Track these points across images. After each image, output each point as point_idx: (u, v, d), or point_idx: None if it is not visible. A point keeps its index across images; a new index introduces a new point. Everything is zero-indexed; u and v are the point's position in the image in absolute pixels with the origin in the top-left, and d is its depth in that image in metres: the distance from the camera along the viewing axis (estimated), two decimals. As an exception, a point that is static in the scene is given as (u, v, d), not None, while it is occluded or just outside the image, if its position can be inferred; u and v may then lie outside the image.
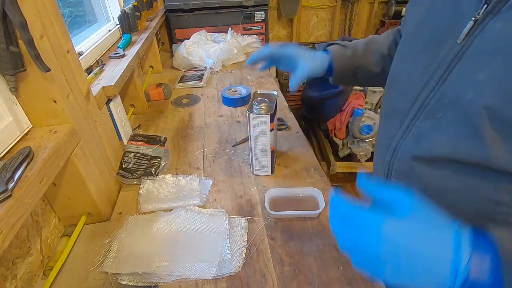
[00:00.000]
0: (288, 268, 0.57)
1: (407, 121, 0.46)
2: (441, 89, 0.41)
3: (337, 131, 1.85)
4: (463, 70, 0.38)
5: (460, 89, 0.38)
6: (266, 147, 0.74)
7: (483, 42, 0.36)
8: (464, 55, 0.38)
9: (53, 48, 0.55)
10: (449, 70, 0.40)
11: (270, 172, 0.79)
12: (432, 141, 0.42)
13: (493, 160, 0.35)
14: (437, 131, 0.41)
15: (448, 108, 0.39)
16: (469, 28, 0.37)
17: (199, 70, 1.46)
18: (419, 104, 0.43)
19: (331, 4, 2.42)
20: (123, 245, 0.62)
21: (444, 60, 0.40)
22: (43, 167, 0.49)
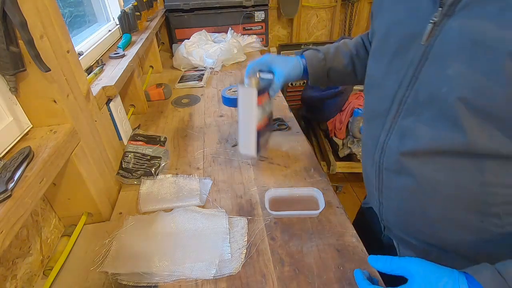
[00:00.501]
0: (288, 268, 0.57)
1: (389, 120, 0.49)
2: (414, 88, 0.44)
3: (337, 131, 1.85)
4: (431, 68, 0.41)
5: (432, 86, 0.41)
6: (252, 123, 0.72)
7: (444, 41, 0.39)
8: (430, 54, 0.41)
9: (53, 48, 0.55)
10: (418, 69, 0.43)
11: (255, 153, 0.76)
12: (416, 137, 0.44)
13: (474, 145, 0.39)
14: (418, 127, 0.44)
15: (424, 105, 0.42)
16: (429, 30, 0.40)
17: (199, 70, 1.46)
18: (397, 104, 0.47)
19: (331, 4, 2.42)
20: (123, 245, 0.62)
21: (413, 62, 0.43)
22: (43, 167, 0.48)
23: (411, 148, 0.45)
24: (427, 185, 0.46)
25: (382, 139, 0.51)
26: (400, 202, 0.52)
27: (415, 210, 0.50)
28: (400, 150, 0.47)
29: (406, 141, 0.46)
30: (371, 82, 0.56)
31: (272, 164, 0.84)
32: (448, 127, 0.40)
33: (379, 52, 0.53)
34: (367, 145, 0.57)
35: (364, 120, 0.61)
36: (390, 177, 0.52)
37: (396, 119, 0.47)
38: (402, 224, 0.56)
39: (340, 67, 0.73)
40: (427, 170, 0.45)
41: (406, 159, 0.46)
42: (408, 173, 0.47)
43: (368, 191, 0.64)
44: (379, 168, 0.53)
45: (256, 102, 0.70)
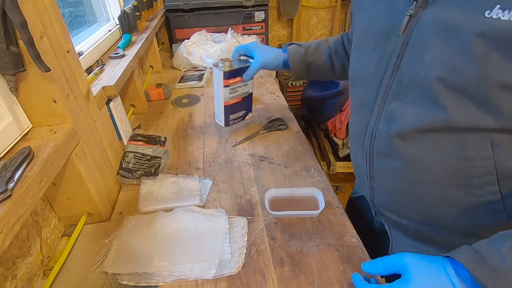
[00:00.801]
0: (288, 268, 0.57)
1: (376, 107, 0.52)
2: (398, 74, 0.48)
3: (337, 131, 1.85)
4: (411, 55, 0.45)
5: (413, 71, 0.45)
6: (220, 99, 0.89)
7: (420, 30, 0.44)
8: (409, 43, 0.45)
9: (53, 48, 0.55)
10: (400, 57, 0.47)
11: (224, 124, 0.94)
12: (402, 118, 0.48)
13: (453, 120, 0.42)
14: (403, 109, 0.48)
15: (408, 88, 0.47)
16: (406, 22, 0.45)
17: (199, 70, 1.46)
18: (383, 90, 0.50)
19: (331, 4, 2.42)
20: (123, 245, 0.62)
21: (394, 51, 0.48)
22: (43, 167, 0.49)
23: (399, 129, 0.49)
24: (415, 165, 0.49)
25: (371, 125, 0.54)
26: (391, 184, 0.55)
27: (406, 190, 0.53)
28: (389, 133, 0.50)
29: (394, 124, 0.49)
30: (355, 74, 0.60)
31: (272, 164, 0.84)
32: (430, 106, 0.44)
33: (360, 46, 0.57)
34: (356, 133, 0.60)
35: (351, 111, 0.64)
36: (381, 161, 0.55)
37: (383, 105, 0.51)
38: (393, 206, 0.59)
39: (319, 63, 0.81)
40: (414, 150, 0.48)
41: (395, 141, 0.50)
42: (397, 155, 0.51)
43: (359, 179, 0.67)
44: (370, 153, 0.56)
45: (223, 84, 0.84)
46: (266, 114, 1.07)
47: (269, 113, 1.08)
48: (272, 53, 0.83)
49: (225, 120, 0.92)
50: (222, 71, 0.83)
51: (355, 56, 0.60)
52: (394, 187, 0.55)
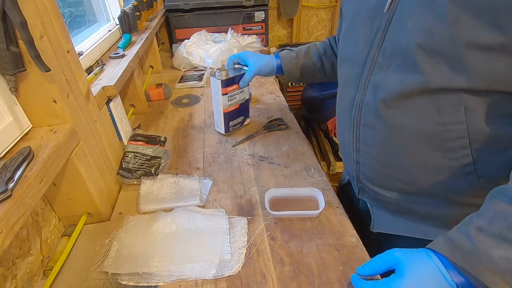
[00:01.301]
0: (288, 268, 0.57)
1: (363, 80, 0.56)
2: (382, 47, 0.52)
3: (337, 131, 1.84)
4: (394, 28, 0.49)
5: (396, 41, 0.49)
6: (219, 107, 0.91)
7: (403, 7, 0.48)
8: (393, 18, 0.49)
9: (53, 48, 0.55)
10: (385, 32, 0.51)
11: (224, 132, 0.96)
12: (385, 87, 0.52)
13: (430, 82, 0.46)
14: (387, 78, 0.51)
15: (391, 58, 0.50)
16: (390, 1, 0.49)
17: (199, 70, 1.46)
18: (369, 64, 0.54)
19: (331, 4, 2.42)
20: (123, 245, 0.62)
21: (379, 28, 0.52)
22: (43, 167, 0.49)
23: (383, 97, 0.52)
24: (398, 132, 0.53)
25: (358, 98, 0.58)
26: (376, 154, 0.59)
27: (389, 159, 0.57)
28: (375, 103, 0.54)
29: (379, 93, 0.53)
30: (342, 56, 0.65)
31: (272, 164, 0.84)
32: (410, 72, 0.48)
33: (349, 31, 0.61)
34: (344, 108, 0.64)
35: (338, 90, 0.68)
36: (367, 132, 0.58)
37: (369, 77, 0.55)
38: (377, 177, 0.61)
39: (310, 64, 0.86)
40: (397, 117, 0.52)
41: (380, 110, 0.53)
42: (383, 123, 0.54)
43: (345, 156, 0.69)
44: (357, 125, 0.59)
45: (221, 92, 0.87)
46: (266, 114, 1.07)
47: (269, 113, 1.08)
48: (264, 59, 0.88)
49: (225, 127, 0.95)
50: (220, 80, 0.85)
51: (343, 42, 0.65)
52: (378, 157, 0.58)
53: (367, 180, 0.64)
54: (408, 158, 0.55)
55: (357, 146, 0.61)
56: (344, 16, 0.65)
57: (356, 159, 0.63)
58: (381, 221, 0.68)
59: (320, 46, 0.87)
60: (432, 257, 0.43)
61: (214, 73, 0.87)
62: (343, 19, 0.66)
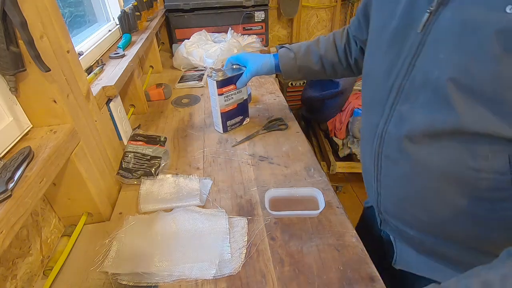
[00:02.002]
0: (288, 268, 0.57)
1: (387, 108, 0.51)
2: (411, 75, 0.46)
3: (337, 131, 1.85)
4: (426, 54, 0.44)
5: (427, 71, 0.44)
6: (216, 107, 0.93)
7: (438, 29, 0.42)
8: (426, 42, 0.44)
9: (53, 48, 0.55)
10: (415, 57, 0.45)
11: (222, 131, 0.97)
12: (411, 121, 0.47)
13: (465, 124, 0.41)
14: (414, 111, 0.46)
15: (420, 89, 0.45)
16: (426, 18, 0.43)
17: (199, 70, 1.46)
18: (395, 91, 0.49)
19: (331, 4, 2.42)
20: (123, 245, 0.62)
21: (410, 49, 0.46)
22: (43, 167, 0.49)
23: (408, 132, 0.47)
24: (422, 170, 0.48)
25: (381, 126, 0.52)
26: (398, 189, 0.54)
27: (412, 196, 0.52)
28: (398, 135, 0.49)
29: (404, 126, 0.48)
30: (367, 73, 0.59)
31: (272, 164, 0.84)
32: (441, 109, 0.42)
33: (374, 44, 0.56)
34: (366, 134, 0.58)
35: (362, 111, 0.63)
36: (389, 164, 0.53)
37: (394, 106, 0.49)
38: (399, 213, 0.57)
39: (309, 65, 0.83)
40: (422, 154, 0.47)
41: (404, 144, 0.48)
42: (406, 158, 0.49)
43: (367, 184, 0.64)
44: (378, 156, 0.54)
45: (217, 92, 0.89)
46: (266, 114, 1.07)
47: (269, 113, 1.08)
48: (262, 59, 0.87)
49: (223, 126, 0.97)
50: (215, 81, 0.87)
51: (368, 55, 0.59)
52: (400, 193, 0.53)
53: (388, 213, 0.59)
54: (433, 198, 0.49)
55: (378, 177, 0.56)
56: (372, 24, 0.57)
57: (377, 190, 0.58)
58: (404, 257, 0.63)
59: (322, 45, 0.82)
60: None
61: (210, 74, 0.89)
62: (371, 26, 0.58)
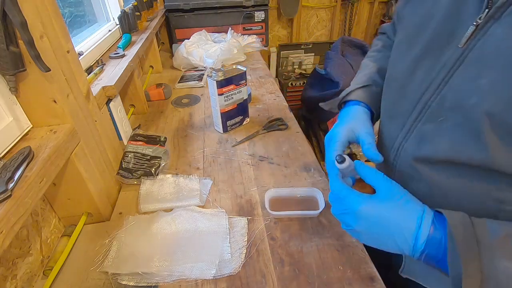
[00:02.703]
0: (288, 268, 0.57)
1: (409, 123, 0.46)
2: (442, 93, 0.41)
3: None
4: (464, 74, 0.38)
5: (461, 94, 0.38)
6: (216, 107, 0.93)
7: (485, 47, 0.36)
8: (466, 59, 0.38)
9: (53, 48, 0.55)
10: (450, 74, 0.40)
11: (222, 131, 0.98)
12: (434, 144, 0.42)
13: (494, 163, 0.36)
14: (439, 134, 0.42)
15: (449, 112, 0.40)
16: (471, 32, 0.37)
17: (199, 70, 1.46)
18: (421, 106, 0.44)
19: (331, 4, 2.43)
20: (123, 245, 0.62)
21: (446, 64, 0.40)
22: (43, 167, 0.49)
23: (428, 154, 0.44)
24: (439, 192, 0.44)
25: (399, 140, 0.49)
26: None
27: None
28: (415, 155, 0.46)
29: (423, 147, 0.44)
30: (394, 76, 0.52)
31: (272, 164, 0.84)
32: (470, 140, 0.38)
33: (407, 44, 0.48)
34: (383, 145, 0.55)
35: (382, 116, 0.57)
36: (402, 180, 0.48)
37: (416, 123, 0.45)
38: None
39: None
40: (441, 178, 0.43)
41: (419, 164, 0.45)
42: (420, 178, 0.46)
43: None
44: (392, 170, 0.51)
45: (217, 92, 0.89)
46: (266, 114, 1.07)
47: (269, 113, 1.08)
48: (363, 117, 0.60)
49: (223, 126, 0.97)
50: (215, 81, 0.87)
51: (397, 55, 0.52)
52: None
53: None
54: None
55: None
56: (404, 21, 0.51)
57: None
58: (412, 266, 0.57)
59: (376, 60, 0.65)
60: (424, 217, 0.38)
61: (210, 74, 0.89)
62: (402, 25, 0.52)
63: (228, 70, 0.92)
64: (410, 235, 0.38)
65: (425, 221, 0.38)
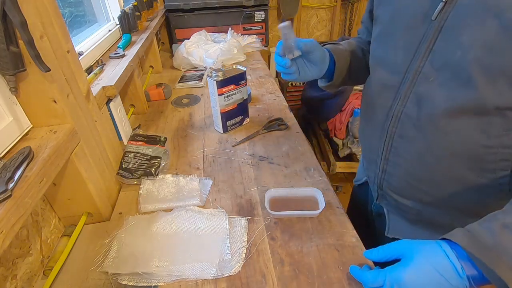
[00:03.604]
0: (288, 268, 0.57)
1: (402, 91, 0.53)
2: (430, 58, 0.48)
3: (337, 131, 1.85)
4: (446, 39, 0.46)
5: (447, 53, 0.46)
6: (216, 107, 0.93)
7: (456, 16, 0.44)
8: (443, 28, 0.46)
9: (53, 48, 0.55)
10: (433, 41, 0.48)
11: (222, 131, 0.98)
12: (431, 100, 0.49)
13: (486, 100, 0.44)
14: (434, 91, 0.49)
15: (440, 70, 0.47)
16: (441, 7, 0.46)
17: (199, 70, 1.46)
18: (412, 74, 0.51)
19: (331, 4, 2.42)
20: (123, 245, 0.62)
21: (426, 36, 0.48)
22: (43, 167, 0.49)
23: (429, 112, 0.49)
24: (438, 148, 0.51)
25: (397, 109, 0.54)
26: (409, 167, 0.56)
27: (423, 173, 0.55)
28: (418, 115, 0.51)
29: (424, 106, 0.50)
30: (377, 62, 0.60)
31: (272, 164, 0.84)
32: (462, 86, 0.45)
33: (385, 35, 0.57)
34: (375, 117, 0.60)
35: (367, 96, 0.64)
36: (402, 144, 0.55)
37: (411, 88, 0.52)
38: (405, 188, 0.59)
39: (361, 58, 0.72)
40: (440, 134, 0.50)
41: (423, 124, 0.51)
42: (422, 137, 0.52)
43: (369, 163, 0.67)
44: (390, 136, 0.57)
45: (217, 92, 0.89)
46: (266, 114, 1.07)
47: (269, 113, 1.08)
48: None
49: (223, 126, 0.97)
50: (215, 81, 0.88)
51: (377, 45, 0.60)
52: (411, 169, 0.56)
53: (390, 189, 0.62)
54: (442, 174, 0.53)
55: (386, 156, 0.59)
56: (379, 19, 0.60)
57: (383, 168, 0.61)
58: (397, 227, 0.67)
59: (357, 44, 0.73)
60: (443, 247, 0.41)
61: (210, 74, 0.89)
62: (377, 22, 0.60)
63: (228, 70, 0.92)
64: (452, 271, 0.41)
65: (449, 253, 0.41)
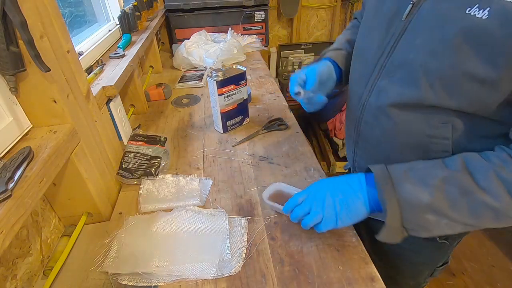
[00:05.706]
0: (288, 268, 0.57)
1: (371, 82, 0.59)
2: (392, 56, 0.54)
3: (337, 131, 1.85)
4: (406, 39, 0.52)
5: (405, 53, 0.52)
6: (216, 107, 0.93)
7: (418, 18, 0.49)
8: (407, 28, 0.51)
9: (53, 48, 0.55)
10: (397, 41, 0.53)
11: (222, 131, 0.98)
12: (387, 93, 0.56)
13: (426, 99, 0.50)
14: (390, 86, 0.55)
15: (397, 68, 0.54)
16: (409, 9, 0.51)
17: (199, 70, 1.46)
18: (378, 68, 0.57)
19: (331, 4, 2.42)
20: (123, 245, 0.62)
21: (394, 34, 0.54)
22: (43, 167, 0.49)
23: (383, 102, 0.57)
24: (391, 135, 0.58)
25: (364, 97, 0.61)
26: (371, 149, 0.65)
27: (380, 155, 0.63)
28: (376, 105, 0.58)
29: (381, 97, 0.57)
30: (359, 51, 0.66)
31: (272, 164, 0.84)
32: (410, 86, 0.52)
33: (368, 26, 0.63)
34: (352, 104, 0.68)
35: (349, 84, 0.70)
36: (366, 129, 0.63)
37: (375, 81, 0.58)
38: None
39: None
40: (391, 123, 0.57)
41: (379, 112, 0.58)
42: (379, 125, 0.59)
43: (348, 147, 0.76)
44: (359, 121, 0.64)
45: (217, 92, 0.90)
46: (266, 114, 1.07)
47: (269, 113, 1.08)
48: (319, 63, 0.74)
49: (223, 126, 0.97)
50: (215, 81, 0.88)
51: (361, 34, 0.66)
52: (373, 153, 0.65)
53: (360, 169, 0.72)
54: (396, 156, 0.60)
55: (356, 139, 0.68)
56: (366, 9, 0.66)
57: (355, 150, 0.70)
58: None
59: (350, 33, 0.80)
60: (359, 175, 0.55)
61: (210, 74, 0.89)
62: (364, 13, 0.66)
63: (228, 70, 0.92)
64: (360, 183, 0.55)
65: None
